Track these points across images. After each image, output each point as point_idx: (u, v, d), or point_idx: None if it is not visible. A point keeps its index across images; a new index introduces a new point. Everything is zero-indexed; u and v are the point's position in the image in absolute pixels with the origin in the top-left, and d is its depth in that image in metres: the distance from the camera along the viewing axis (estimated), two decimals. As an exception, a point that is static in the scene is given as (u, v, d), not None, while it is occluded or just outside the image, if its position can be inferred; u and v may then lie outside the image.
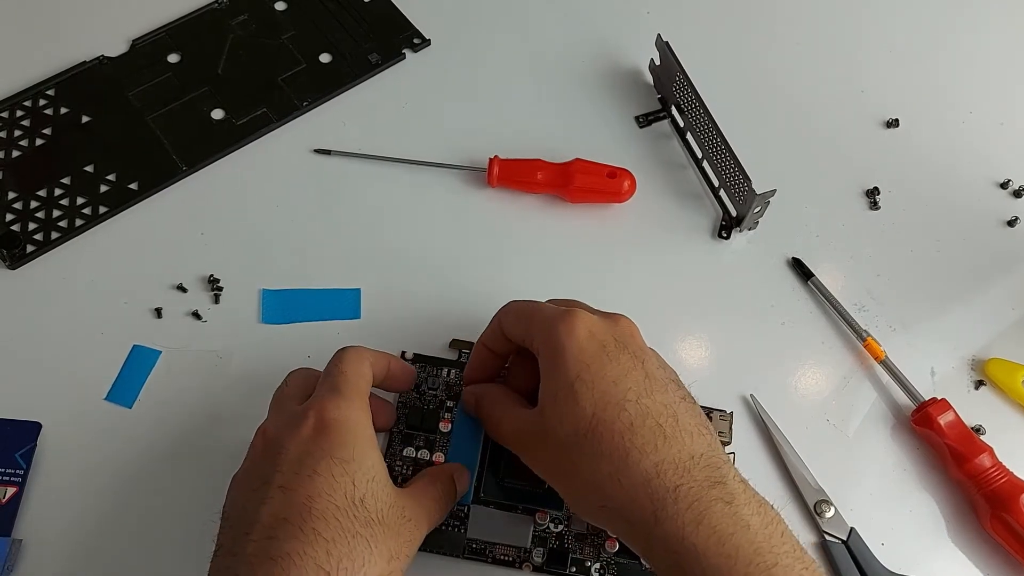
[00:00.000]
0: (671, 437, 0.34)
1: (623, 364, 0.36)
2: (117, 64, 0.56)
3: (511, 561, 0.42)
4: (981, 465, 0.44)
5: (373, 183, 0.53)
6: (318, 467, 0.34)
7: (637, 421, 0.35)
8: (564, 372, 0.36)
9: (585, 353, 0.36)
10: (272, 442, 0.36)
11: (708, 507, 0.33)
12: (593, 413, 0.35)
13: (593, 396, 0.35)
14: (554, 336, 0.36)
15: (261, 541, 0.32)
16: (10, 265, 0.49)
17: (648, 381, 0.36)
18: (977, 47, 0.62)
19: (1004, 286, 0.52)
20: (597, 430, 0.35)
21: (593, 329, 0.37)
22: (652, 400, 0.35)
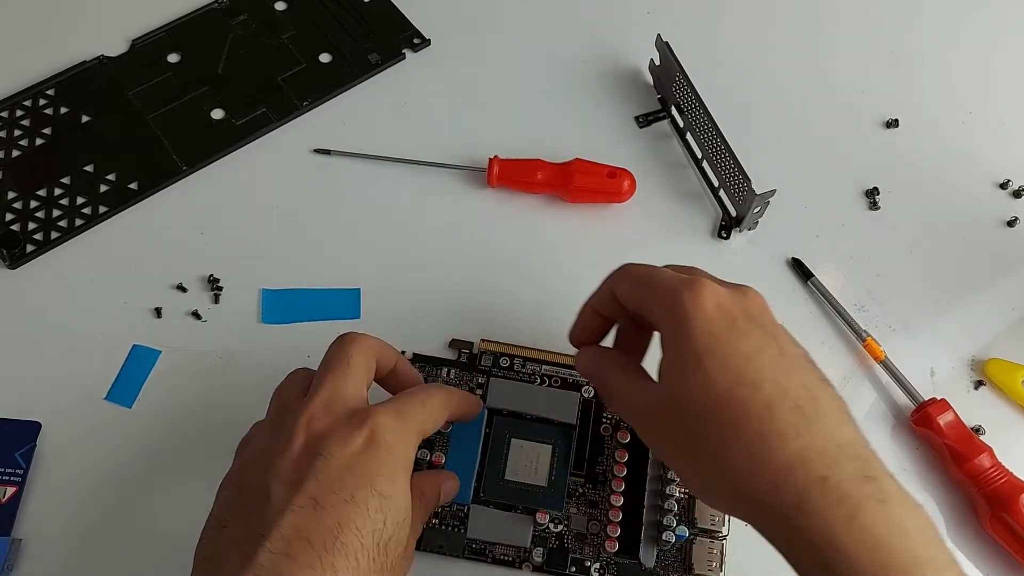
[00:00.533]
0: (813, 422, 0.31)
1: (755, 340, 0.33)
2: (117, 64, 0.57)
3: (511, 561, 0.42)
4: (981, 465, 0.44)
5: (373, 183, 0.53)
6: (356, 493, 0.32)
7: (776, 401, 0.31)
8: (692, 344, 0.32)
9: (714, 325, 0.33)
10: (317, 438, 0.33)
11: (860, 505, 0.29)
12: (726, 389, 0.32)
13: (725, 371, 0.32)
14: (678, 306, 0.33)
15: (277, 555, 0.30)
16: (10, 265, 0.49)
17: (784, 359, 0.33)
18: (977, 47, 0.62)
19: (1004, 286, 0.52)
20: (731, 408, 0.31)
21: (721, 300, 0.33)
22: (789, 380, 0.32)
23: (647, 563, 0.42)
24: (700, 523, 0.42)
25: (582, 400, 0.45)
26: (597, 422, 0.45)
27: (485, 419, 0.44)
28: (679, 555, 0.42)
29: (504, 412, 0.45)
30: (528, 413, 0.45)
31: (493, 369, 0.46)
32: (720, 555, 0.42)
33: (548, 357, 0.47)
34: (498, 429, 0.44)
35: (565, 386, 0.46)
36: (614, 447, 0.44)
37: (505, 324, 0.49)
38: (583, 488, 0.43)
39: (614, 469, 0.43)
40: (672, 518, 0.42)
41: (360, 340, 0.37)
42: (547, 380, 0.46)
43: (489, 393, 0.45)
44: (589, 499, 0.43)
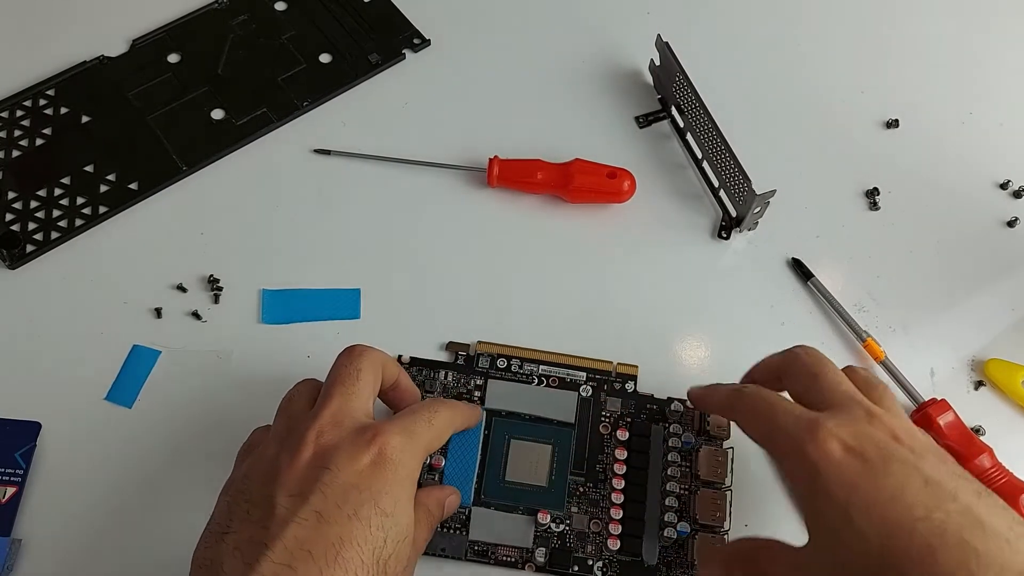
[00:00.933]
0: (985, 553, 0.29)
1: (896, 475, 0.31)
2: (117, 64, 0.57)
3: (514, 562, 0.42)
4: (981, 466, 0.44)
5: (373, 183, 0.53)
6: (360, 510, 0.32)
7: (935, 541, 0.29)
8: (831, 500, 0.31)
9: (846, 473, 0.31)
10: (325, 452, 0.33)
11: None
12: (880, 542, 0.30)
13: (872, 521, 0.30)
14: (805, 460, 0.32)
15: (279, 566, 0.30)
16: (10, 265, 0.49)
17: (931, 488, 0.30)
18: (977, 47, 0.62)
19: (1004, 287, 0.52)
20: (890, 559, 0.29)
21: (847, 440, 0.32)
22: (945, 511, 0.30)
23: (649, 560, 0.42)
24: (701, 519, 0.42)
25: (580, 399, 0.45)
26: (596, 421, 0.45)
27: (484, 421, 0.44)
28: (681, 551, 0.42)
29: (503, 413, 0.45)
30: (527, 414, 0.45)
31: (490, 370, 0.46)
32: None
33: (545, 357, 0.47)
34: (497, 430, 0.44)
35: (563, 385, 0.46)
36: (613, 445, 0.44)
37: (505, 324, 0.49)
38: (584, 487, 0.43)
39: (614, 467, 0.43)
40: (673, 514, 0.42)
41: (368, 353, 0.37)
42: (544, 380, 0.46)
43: (487, 395, 0.45)
44: (590, 498, 0.43)
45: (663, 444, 0.44)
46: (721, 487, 0.43)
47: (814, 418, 0.33)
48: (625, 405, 0.46)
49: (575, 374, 0.46)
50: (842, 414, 0.33)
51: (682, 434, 0.45)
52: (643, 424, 0.45)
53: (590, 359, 0.47)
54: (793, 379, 0.37)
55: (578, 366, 0.46)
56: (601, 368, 0.47)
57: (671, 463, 0.44)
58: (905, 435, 0.33)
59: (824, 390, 0.35)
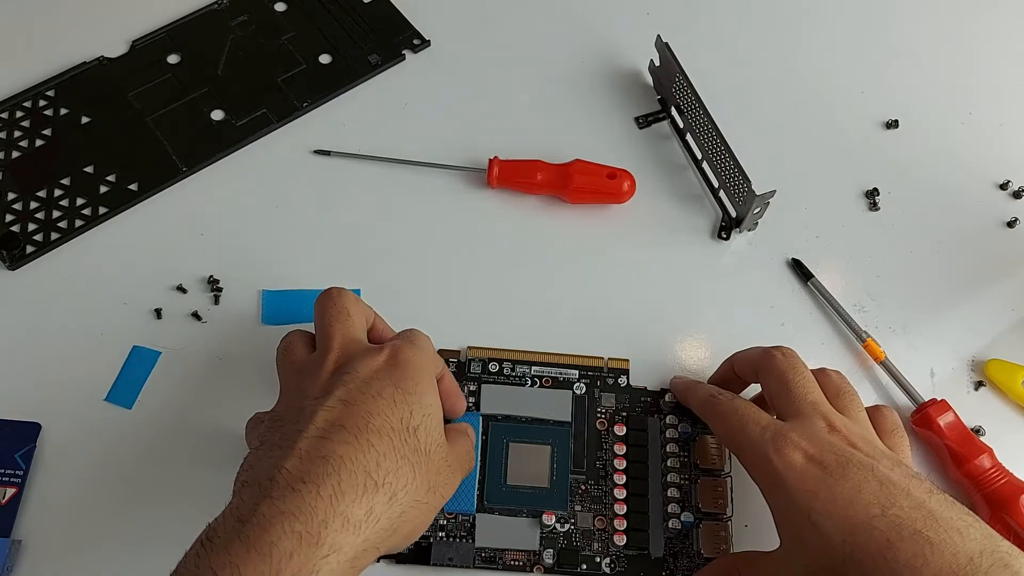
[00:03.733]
0: (938, 543, 0.31)
1: (852, 479, 0.34)
2: (117, 65, 0.57)
3: (522, 565, 0.42)
4: (981, 466, 0.44)
5: (373, 183, 0.53)
6: (383, 391, 0.35)
7: (893, 536, 0.32)
8: (795, 506, 0.34)
9: (808, 480, 0.34)
10: (344, 362, 0.36)
11: None
12: (843, 539, 0.33)
13: (834, 522, 0.33)
14: (770, 467, 0.35)
15: (313, 440, 0.33)
16: (10, 266, 0.49)
17: (886, 488, 0.34)
18: (977, 48, 0.62)
19: (1004, 287, 0.52)
20: (853, 557, 0.32)
21: (807, 450, 0.35)
22: (899, 508, 0.33)
23: (656, 552, 0.42)
24: (704, 507, 0.42)
25: (575, 397, 0.45)
26: (592, 418, 0.45)
27: (481, 427, 0.44)
28: (687, 541, 0.42)
29: (499, 417, 0.45)
30: (523, 416, 0.45)
31: (483, 375, 0.46)
32: (728, 537, 0.42)
33: (536, 358, 0.47)
34: (495, 435, 0.44)
35: (556, 385, 0.46)
36: (611, 441, 0.44)
37: (506, 325, 0.49)
38: (585, 485, 0.43)
39: (614, 462, 0.44)
40: (676, 505, 0.43)
41: (347, 293, 0.40)
42: (538, 381, 0.46)
43: (482, 400, 0.45)
44: (592, 495, 0.43)
45: (660, 436, 0.45)
46: (721, 474, 0.43)
47: (778, 430, 0.37)
48: (620, 400, 0.46)
49: (568, 373, 0.46)
50: (805, 423, 0.37)
51: (678, 424, 0.45)
52: (639, 417, 0.45)
53: (581, 356, 0.47)
54: (766, 381, 0.41)
55: (570, 364, 0.46)
56: (593, 365, 0.47)
57: (670, 454, 0.44)
58: (862, 442, 0.36)
59: (792, 398, 0.39)
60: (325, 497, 0.31)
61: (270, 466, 0.32)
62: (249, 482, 0.33)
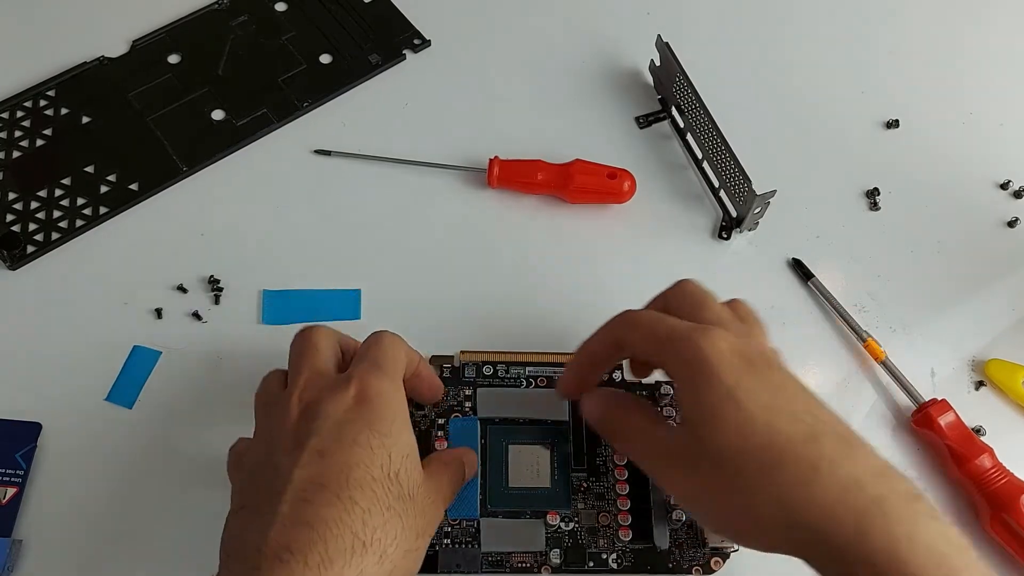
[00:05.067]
0: (855, 446, 0.32)
1: (777, 377, 0.34)
2: (117, 65, 0.57)
3: (529, 567, 0.41)
4: (981, 466, 0.44)
5: (373, 183, 0.53)
6: (358, 437, 0.34)
7: (817, 430, 0.32)
8: (719, 384, 0.33)
9: (735, 366, 0.33)
10: (309, 406, 0.35)
11: (917, 522, 0.30)
12: (765, 421, 0.32)
13: (759, 403, 0.32)
14: (697, 351, 0.33)
15: (295, 504, 0.32)
16: (10, 266, 0.49)
17: (807, 394, 0.34)
18: (977, 47, 0.62)
19: (1004, 287, 0.52)
20: (774, 440, 0.31)
21: (735, 343, 0.34)
22: (820, 412, 0.33)
23: (662, 545, 0.42)
24: None
25: None
26: None
27: (480, 431, 0.44)
28: (691, 532, 0.42)
29: (496, 420, 0.45)
30: (520, 418, 0.45)
31: (478, 379, 0.46)
32: None
33: (531, 358, 0.46)
34: (493, 438, 0.44)
35: (552, 384, 0.46)
36: None
37: (506, 325, 0.49)
38: (587, 482, 0.43)
39: (614, 458, 0.43)
40: None
41: (318, 328, 0.39)
42: (533, 382, 0.46)
43: (478, 404, 0.45)
44: (595, 492, 0.43)
45: None
46: None
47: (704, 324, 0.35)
48: None
49: (561, 371, 0.46)
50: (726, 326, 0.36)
51: (675, 416, 0.45)
52: None
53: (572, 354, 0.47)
54: (678, 306, 0.38)
55: (563, 363, 0.46)
56: None
57: None
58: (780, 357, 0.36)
59: (710, 314, 0.37)
60: (313, 566, 0.30)
61: (255, 536, 0.31)
62: (234, 554, 0.32)
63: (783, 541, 0.32)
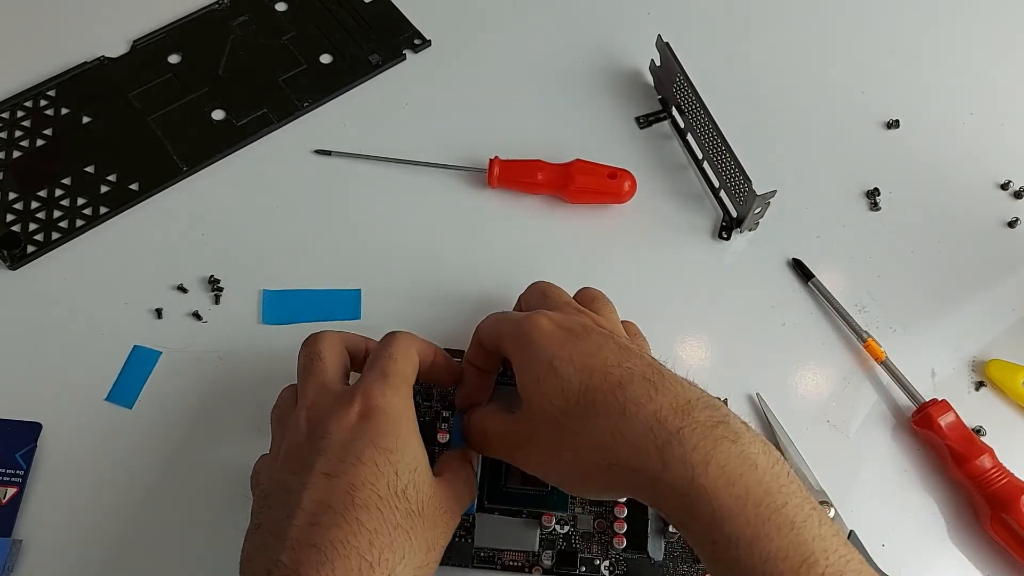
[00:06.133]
0: (662, 388, 0.35)
1: (595, 340, 0.37)
2: (118, 65, 0.57)
3: (520, 566, 0.42)
4: (982, 466, 0.44)
5: (373, 183, 0.53)
6: (363, 455, 0.34)
7: (625, 379, 0.35)
8: (539, 356, 0.36)
9: (555, 337, 0.37)
10: (315, 424, 0.36)
11: (714, 446, 0.33)
12: (580, 382, 0.35)
13: (575, 367, 0.36)
14: (522, 332, 0.37)
15: (304, 527, 0.32)
16: (10, 266, 0.49)
17: (623, 351, 0.36)
18: (977, 48, 0.62)
19: (1004, 287, 0.52)
20: (588, 396, 0.35)
21: (556, 319, 0.38)
22: (632, 363, 0.36)
23: (656, 556, 0.42)
24: None
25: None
26: None
27: None
28: (687, 546, 0.42)
29: None
30: None
31: None
32: None
33: None
34: None
35: None
36: None
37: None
38: None
39: None
40: None
41: (323, 336, 0.40)
42: None
43: None
44: None
45: None
46: None
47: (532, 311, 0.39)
48: None
49: None
50: (555, 309, 0.39)
51: None
52: None
53: None
54: (527, 302, 0.43)
55: None
56: None
57: None
58: (606, 323, 0.39)
59: (548, 300, 0.41)
60: None
61: (267, 558, 0.32)
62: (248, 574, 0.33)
63: (609, 482, 0.35)
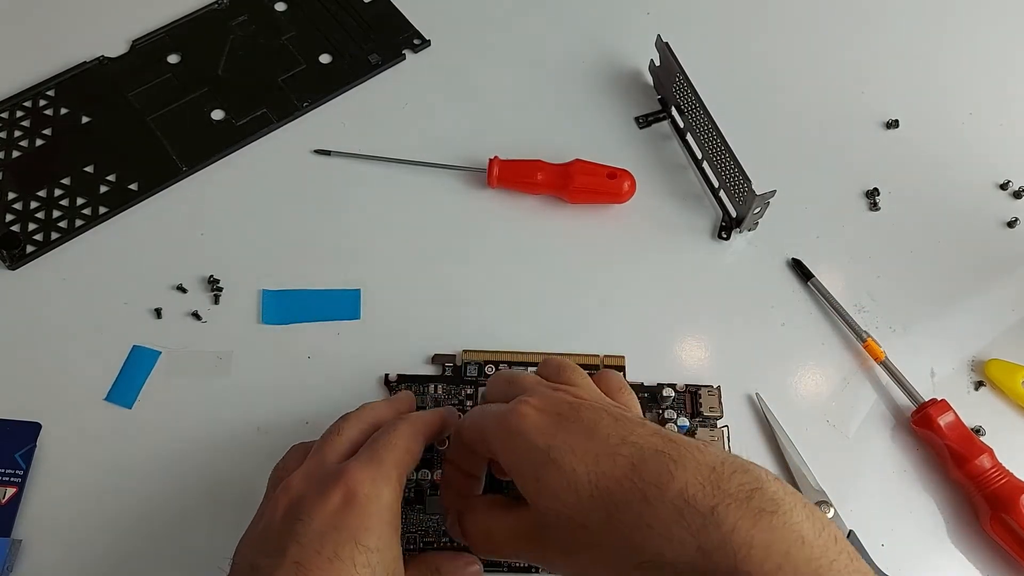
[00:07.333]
0: (680, 459, 0.31)
1: (587, 418, 0.33)
2: (117, 65, 0.57)
3: (527, 567, 0.42)
4: (981, 466, 0.44)
5: (373, 183, 0.53)
6: (340, 551, 0.32)
7: (636, 458, 0.31)
8: (534, 452, 0.33)
9: (544, 428, 0.33)
10: (295, 504, 0.33)
11: (755, 524, 0.29)
12: (587, 471, 0.32)
13: (576, 456, 0.32)
14: (507, 426, 0.34)
15: None
16: (10, 266, 0.49)
17: (620, 422, 0.33)
18: (977, 47, 0.62)
19: (1004, 287, 0.52)
20: (601, 486, 0.31)
21: (538, 405, 0.34)
22: (637, 436, 0.32)
23: None
24: None
25: None
26: None
27: None
28: None
29: None
30: None
31: (480, 379, 0.46)
32: None
33: (531, 358, 0.46)
34: None
35: None
36: None
37: (506, 325, 0.49)
38: None
39: None
40: None
41: (357, 412, 0.38)
42: None
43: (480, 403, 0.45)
44: None
45: None
46: None
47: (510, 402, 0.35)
48: None
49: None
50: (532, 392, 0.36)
51: (676, 419, 0.45)
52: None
53: (575, 355, 0.47)
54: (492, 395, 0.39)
55: None
56: (588, 363, 0.46)
57: None
58: (588, 395, 0.36)
59: (517, 386, 0.37)
60: None
61: None
62: None
63: None
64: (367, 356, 0.47)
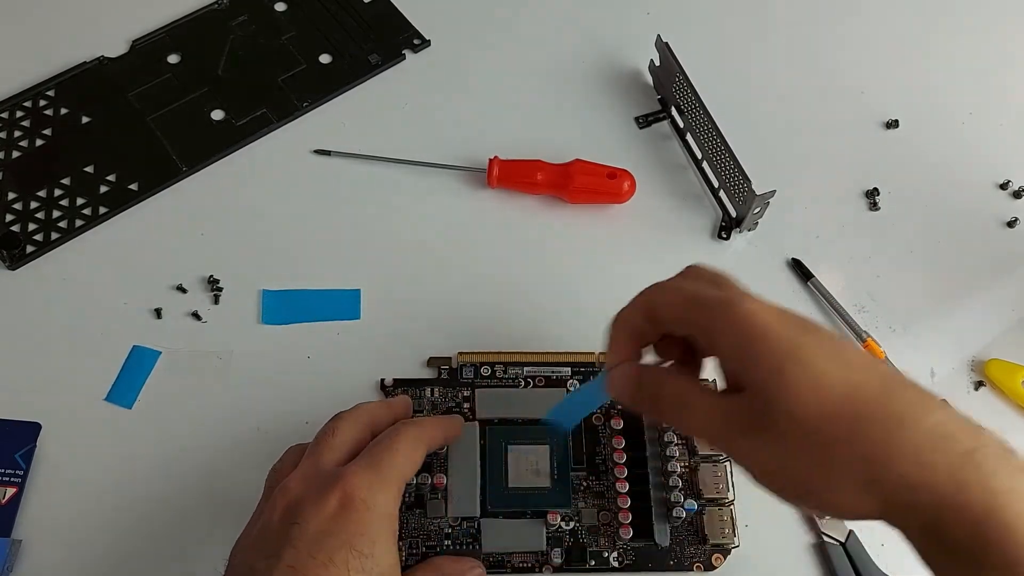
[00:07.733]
0: (930, 398, 0.29)
1: (828, 335, 0.31)
2: (117, 65, 0.57)
3: (530, 567, 0.42)
4: (981, 466, 0.44)
5: (373, 183, 0.53)
6: (335, 556, 0.32)
7: (890, 382, 0.30)
8: (778, 344, 0.30)
9: (790, 326, 0.31)
10: (292, 507, 0.33)
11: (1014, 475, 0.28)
12: (843, 378, 0.29)
13: (830, 362, 0.30)
14: (747, 315, 0.31)
15: None
16: (10, 266, 0.49)
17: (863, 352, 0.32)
18: (977, 47, 0.62)
19: (1004, 287, 0.52)
20: (852, 394, 0.29)
21: (782, 308, 0.32)
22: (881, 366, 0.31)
23: (662, 542, 0.42)
24: (706, 493, 0.43)
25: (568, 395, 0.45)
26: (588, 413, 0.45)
27: (478, 431, 0.44)
28: (692, 528, 0.42)
29: (495, 421, 0.45)
30: (519, 418, 0.45)
31: (476, 380, 0.46)
32: (731, 521, 0.42)
33: (527, 358, 0.46)
34: (492, 439, 0.44)
35: (550, 384, 0.46)
36: (609, 435, 0.44)
37: (505, 325, 0.49)
38: (587, 481, 0.43)
39: (613, 456, 0.44)
40: (679, 493, 0.42)
41: (347, 414, 0.38)
42: (531, 382, 0.46)
43: (476, 405, 0.45)
44: (595, 491, 0.43)
45: (657, 425, 0.45)
46: (720, 459, 0.44)
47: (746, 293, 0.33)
48: None
49: (560, 370, 0.46)
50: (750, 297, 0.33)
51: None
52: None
53: (571, 352, 0.47)
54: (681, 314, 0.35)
55: (562, 362, 0.46)
56: (584, 360, 0.46)
57: (668, 443, 0.44)
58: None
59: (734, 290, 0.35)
60: None
61: None
62: None
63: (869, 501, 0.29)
64: (367, 356, 0.47)
